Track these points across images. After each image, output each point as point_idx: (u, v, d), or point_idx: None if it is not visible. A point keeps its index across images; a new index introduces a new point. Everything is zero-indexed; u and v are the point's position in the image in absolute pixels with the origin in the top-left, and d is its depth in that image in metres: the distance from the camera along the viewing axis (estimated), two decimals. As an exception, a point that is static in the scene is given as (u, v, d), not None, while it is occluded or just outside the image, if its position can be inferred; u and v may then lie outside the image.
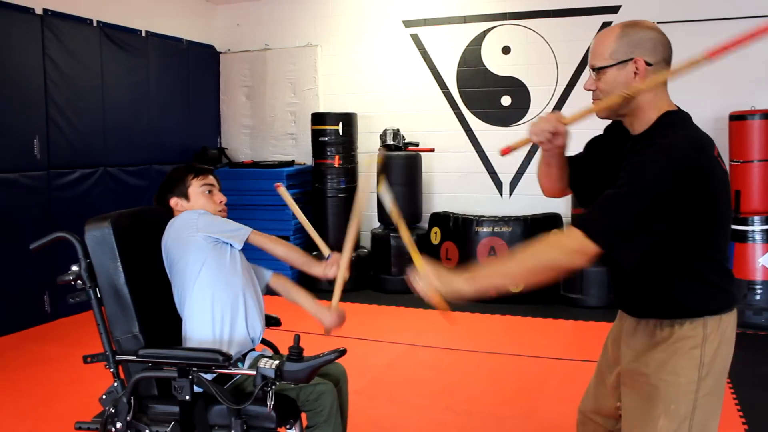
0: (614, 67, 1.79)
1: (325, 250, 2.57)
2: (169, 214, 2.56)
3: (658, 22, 6.14)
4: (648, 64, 1.77)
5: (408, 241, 2.14)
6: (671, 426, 1.82)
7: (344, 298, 2.53)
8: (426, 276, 1.80)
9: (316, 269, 2.53)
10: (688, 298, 1.82)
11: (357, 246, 7.01)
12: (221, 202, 2.61)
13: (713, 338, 1.82)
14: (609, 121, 2.01)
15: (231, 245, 2.45)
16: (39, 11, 5.63)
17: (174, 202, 2.57)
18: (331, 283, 2.49)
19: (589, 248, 1.67)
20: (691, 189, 1.66)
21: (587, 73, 1.91)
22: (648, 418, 1.85)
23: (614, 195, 1.70)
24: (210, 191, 2.59)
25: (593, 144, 2.09)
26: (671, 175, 1.65)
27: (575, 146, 2.07)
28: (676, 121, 1.80)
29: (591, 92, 1.88)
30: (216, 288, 2.35)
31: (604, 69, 1.81)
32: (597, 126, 2.05)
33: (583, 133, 2.15)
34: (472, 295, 1.75)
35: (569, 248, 1.71)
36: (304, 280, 7.08)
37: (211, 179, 2.63)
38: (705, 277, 1.81)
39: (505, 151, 2.02)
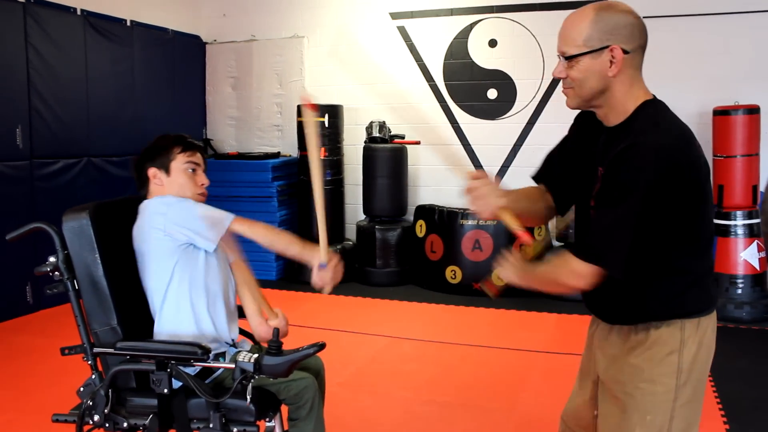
0: (588, 55, 1.65)
1: (323, 256, 2.22)
2: (143, 183, 2.41)
3: (644, 17, 6.14)
4: (625, 51, 1.65)
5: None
6: None
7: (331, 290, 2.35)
8: (513, 264, 1.85)
9: (310, 256, 2.24)
10: (665, 299, 1.70)
11: (342, 238, 7.00)
12: (203, 185, 2.43)
13: (692, 342, 1.71)
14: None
15: (203, 249, 2.30)
16: (21, -1, 5.58)
17: (152, 172, 2.38)
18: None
19: (599, 272, 1.64)
20: (679, 185, 1.59)
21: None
22: (623, 429, 1.76)
23: (613, 219, 1.62)
24: (194, 170, 2.41)
25: (563, 147, 1.98)
26: (663, 178, 1.56)
27: (554, 139, 2.05)
28: (656, 112, 1.68)
29: (562, 80, 1.75)
30: (184, 297, 2.27)
31: (577, 57, 1.66)
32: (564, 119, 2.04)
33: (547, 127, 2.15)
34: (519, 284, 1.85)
35: (578, 273, 1.67)
36: (291, 275, 7.05)
37: (198, 157, 2.45)
38: (684, 276, 1.71)
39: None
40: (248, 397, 2.06)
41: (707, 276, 1.78)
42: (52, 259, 2.24)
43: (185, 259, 2.28)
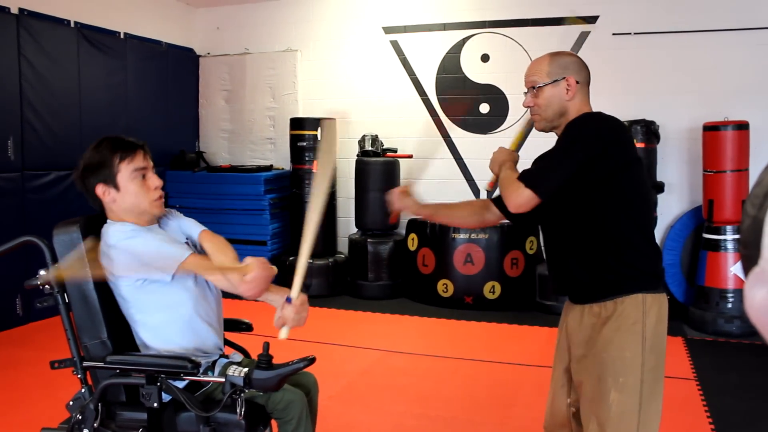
0: (550, 85, 2.16)
1: (294, 291, 2.12)
2: (94, 201, 2.30)
3: (635, 33, 6.23)
4: (576, 81, 2.15)
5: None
6: (622, 397, 1.99)
7: (320, 303, 2.42)
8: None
9: (273, 299, 2.17)
10: (627, 274, 2.04)
11: (334, 251, 7.00)
12: (156, 187, 2.27)
13: (651, 314, 2.02)
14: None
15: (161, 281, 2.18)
16: (15, 11, 5.57)
17: (101, 190, 2.24)
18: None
19: (532, 197, 2.03)
20: (610, 146, 2.00)
21: None
22: (601, 394, 2.02)
23: (549, 159, 2.11)
24: (143, 175, 2.25)
25: None
26: (590, 133, 2.03)
27: (532, 153, 2.32)
28: (591, 113, 2.16)
29: (530, 109, 2.25)
30: (161, 317, 2.22)
31: (542, 87, 2.17)
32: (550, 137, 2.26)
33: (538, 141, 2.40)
34: (500, 165, 2.31)
35: (520, 198, 2.06)
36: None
37: (141, 159, 2.25)
38: (639, 253, 2.05)
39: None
40: (239, 411, 2.05)
41: (657, 253, 2.12)
42: (42, 272, 2.23)
43: (147, 290, 2.20)
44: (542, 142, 2.31)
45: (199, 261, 2.19)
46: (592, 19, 6.41)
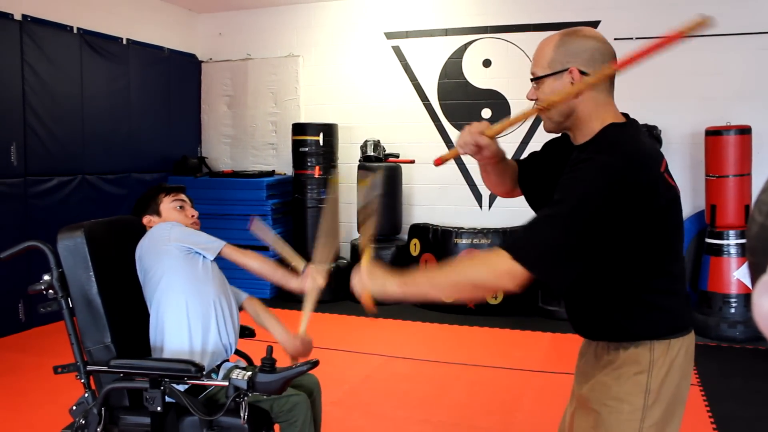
0: (551, 77, 1.73)
1: (300, 264, 2.51)
2: (144, 229, 2.56)
3: (636, 38, 6.23)
4: (583, 73, 1.69)
5: (365, 242, 2.07)
6: None
7: (323, 309, 2.48)
8: (362, 273, 1.80)
9: (292, 283, 2.49)
10: (633, 321, 1.72)
11: (336, 257, 7.00)
12: (193, 216, 2.64)
13: (661, 363, 1.71)
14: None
15: (203, 256, 2.45)
16: (18, 17, 5.60)
17: (147, 220, 2.60)
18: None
19: (517, 271, 1.56)
20: (628, 207, 1.57)
21: None
22: None
23: (545, 217, 1.62)
24: (182, 206, 2.62)
25: (547, 147, 2.03)
26: (604, 193, 1.56)
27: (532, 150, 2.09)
28: (619, 134, 1.69)
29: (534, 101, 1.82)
30: (189, 297, 2.35)
31: (541, 79, 1.75)
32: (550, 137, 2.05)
33: (543, 140, 2.14)
34: (399, 298, 1.73)
35: (498, 270, 1.59)
36: (284, 294, 7.04)
37: (182, 196, 2.66)
38: (651, 300, 1.72)
39: (438, 162, 1.98)
40: (243, 416, 2.05)
41: (678, 299, 1.77)
42: (46, 277, 2.24)
43: (185, 264, 2.38)
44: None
45: (238, 250, 2.50)
46: (593, 24, 6.42)
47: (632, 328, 1.73)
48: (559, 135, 1.96)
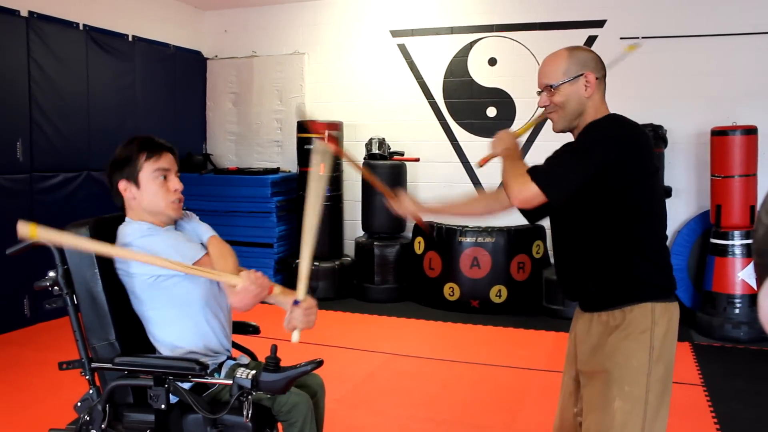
0: (568, 83, 2.07)
1: (300, 294, 2.12)
2: (116, 196, 2.33)
3: (643, 37, 6.22)
4: (596, 78, 2.07)
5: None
6: (626, 406, 1.93)
7: (326, 306, 2.42)
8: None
9: (284, 302, 2.22)
10: (636, 283, 1.99)
11: (340, 254, 7.00)
12: (176, 190, 2.30)
13: (661, 323, 1.97)
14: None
15: (177, 275, 2.21)
16: (24, 13, 5.61)
17: (123, 186, 2.29)
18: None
19: (539, 195, 1.94)
20: (631, 159, 1.94)
21: None
22: (604, 402, 1.97)
23: (565, 159, 2.00)
24: (165, 176, 2.28)
25: None
26: (608, 142, 1.95)
27: (540, 156, 2.17)
28: (613, 117, 2.08)
29: (545, 108, 2.16)
30: (173, 313, 2.25)
31: (560, 86, 2.07)
32: (562, 138, 2.15)
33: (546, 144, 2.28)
34: (503, 152, 2.16)
35: (526, 193, 1.96)
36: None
37: (165, 161, 2.29)
38: (647, 260, 1.99)
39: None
40: (247, 414, 2.06)
41: (669, 265, 2.06)
42: (51, 273, 2.24)
43: (161, 286, 2.23)
44: (551, 147, 2.19)
45: (208, 264, 2.22)
46: (599, 24, 6.41)
47: (635, 291, 1.99)
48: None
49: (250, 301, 2.11)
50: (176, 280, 2.22)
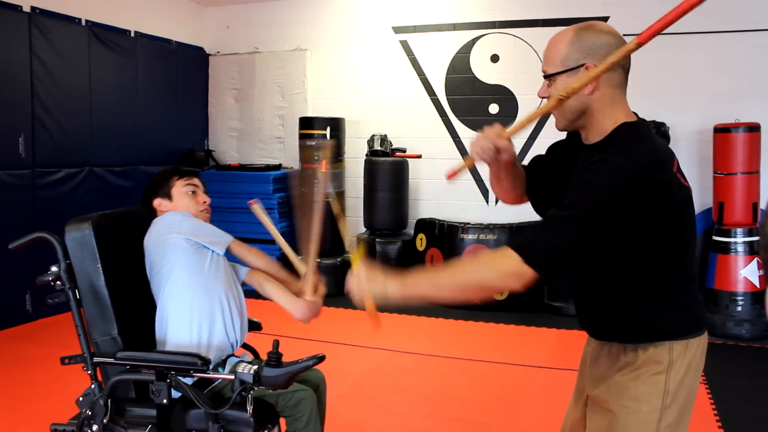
0: (565, 74, 1.65)
1: (302, 268, 2.47)
2: (152, 215, 2.53)
3: (645, 34, 6.20)
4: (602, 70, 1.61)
5: (351, 243, 2.12)
6: None
7: (328, 303, 2.45)
8: (358, 276, 1.72)
9: (294, 287, 2.48)
10: (651, 321, 1.69)
11: (342, 251, 7.00)
12: (204, 202, 2.58)
13: (679, 364, 1.69)
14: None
15: (212, 251, 2.41)
16: (27, 9, 5.60)
17: (157, 202, 2.54)
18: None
19: (525, 272, 1.56)
20: (642, 209, 1.54)
21: None
22: None
23: (555, 217, 1.59)
24: (194, 192, 2.56)
25: (553, 149, 1.97)
26: (616, 196, 1.53)
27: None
28: (632, 133, 1.65)
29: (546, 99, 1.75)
30: (195, 292, 2.32)
31: (555, 76, 1.67)
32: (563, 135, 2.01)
33: (549, 141, 2.09)
34: (399, 300, 1.68)
35: (504, 271, 1.58)
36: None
37: (195, 180, 2.60)
38: (668, 299, 1.69)
39: (451, 176, 1.87)
40: (249, 409, 2.06)
41: (694, 298, 1.75)
42: (54, 268, 2.25)
43: (194, 258, 2.35)
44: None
45: (246, 247, 2.51)
46: (602, 20, 6.38)
47: (650, 329, 1.70)
48: (565, 138, 1.93)
49: (310, 316, 2.41)
50: (212, 255, 2.41)
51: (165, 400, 2.11)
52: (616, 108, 1.68)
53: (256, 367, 2.06)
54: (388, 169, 6.66)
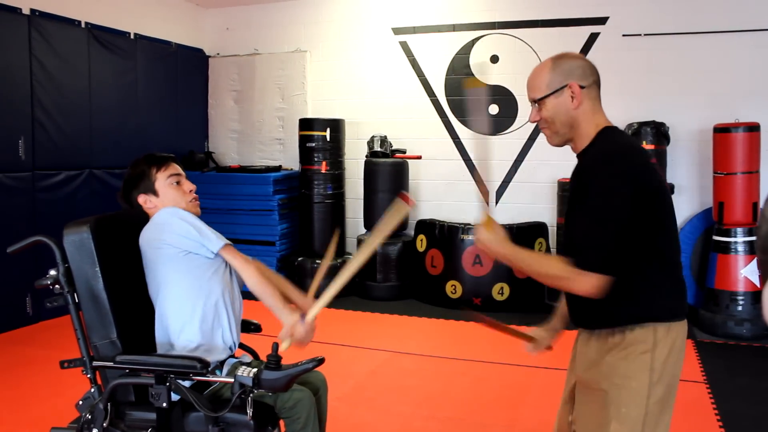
0: (552, 96, 1.96)
1: (311, 314, 2.31)
2: (143, 212, 2.47)
3: (645, 35, 6.21)
4: (581, 86, 1.95)
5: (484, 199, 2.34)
6: (623, 429, 1.87)
7: (329, 304, 2.39)
8: (492, 227, 2.00)
9: (284, 318, 2.28)
10: (637, 304, 1.89)
11: (342, 252, 7.01)
12: (191, 190, 2.50)
13: (663, 345, 1.88)
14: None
15: (205, 253, 2.33)
16: (26, 11, 5.60)
17: (143, 199, 2.47)
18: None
19: (603, 283, 1.81)
20: (632, 185, 1.80)
21: None
22: (601, 423, 1.89)
23: (586, 223, 1.85)
24: (178, 182, 2.49)
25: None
26: (616, 179, 1.81)
27: (555, 172, 2.10)
28: (613, 133, 1.96)
29: (538, 123, 2.04)
30: (193, 295, 2.31)
31: (543, 99, 1.97)
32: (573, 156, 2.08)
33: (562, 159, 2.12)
34: (506, 259, 2.03)
35: (582, 287, 1.83)
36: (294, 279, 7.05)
37: (175, 168, 2.51)
38: (651, 283, 1.89)
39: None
40: (249, 412, 2.06)
41: (677, 285, 1.97)
42: (52, 272, 2.24)
43: (188, 266, 2.31)
44: (552, 147, 2.12)
45: (238, 253, 2.38)
46: (602, 21, 6.39)
47: (638, 312, 1.89)
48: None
49: (307, 340, 2.30)
50: (203, 260, 2.33)
51: (165, 404, 2.11)
52: (597, 116, 1.99)
53: (255, 369, 2.06)
54: (388, 170, 6.65)
